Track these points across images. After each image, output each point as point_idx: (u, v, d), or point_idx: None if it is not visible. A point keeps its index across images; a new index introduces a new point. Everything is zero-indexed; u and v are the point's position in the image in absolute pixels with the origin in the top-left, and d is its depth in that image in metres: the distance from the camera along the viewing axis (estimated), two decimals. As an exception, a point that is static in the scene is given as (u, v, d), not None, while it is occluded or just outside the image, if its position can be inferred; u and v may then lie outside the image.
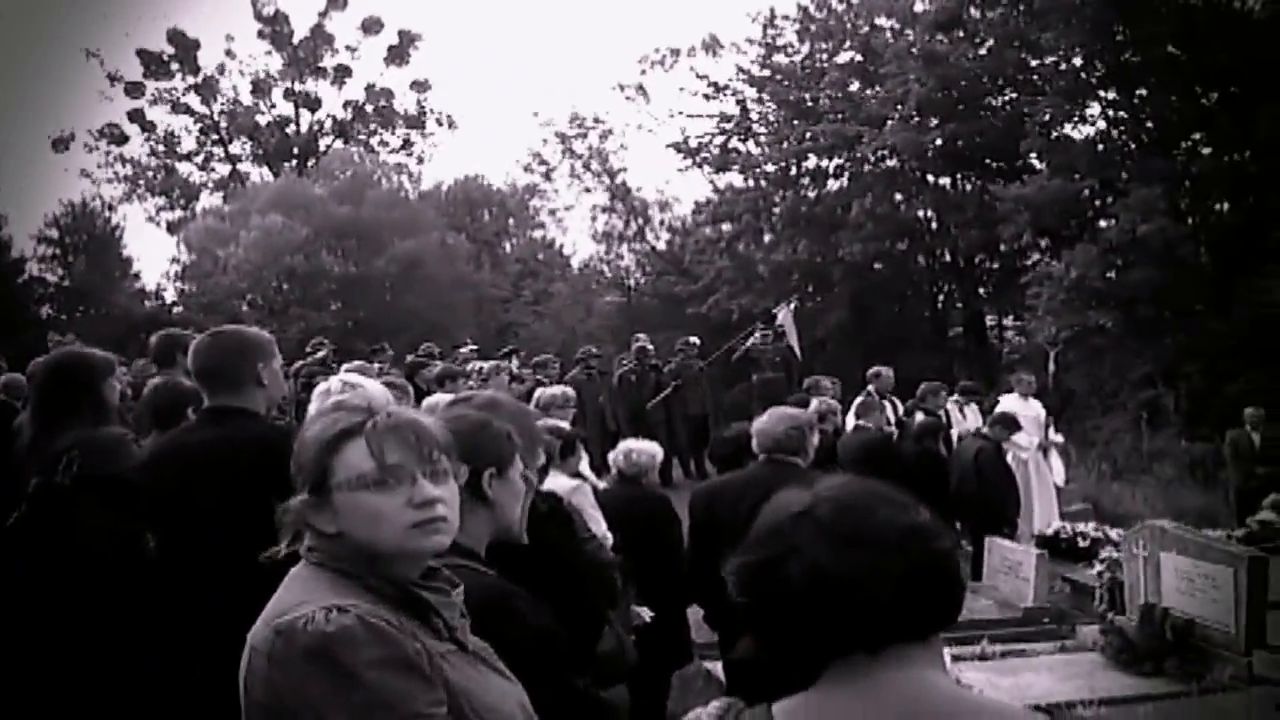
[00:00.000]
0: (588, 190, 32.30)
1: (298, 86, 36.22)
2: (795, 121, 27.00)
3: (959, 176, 26.33)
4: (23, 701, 3.88)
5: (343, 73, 36.32)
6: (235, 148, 37.07)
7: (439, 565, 2.04)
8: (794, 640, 1.63)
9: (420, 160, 37.89)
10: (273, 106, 36.62)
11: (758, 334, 16.44)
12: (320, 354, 13.82)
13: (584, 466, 6.19)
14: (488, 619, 2.15)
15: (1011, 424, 11.36)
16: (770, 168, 27.80)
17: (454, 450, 2.05)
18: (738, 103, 28.79)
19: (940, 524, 1.66)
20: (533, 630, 2.54)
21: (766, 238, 26.97)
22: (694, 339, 17.12)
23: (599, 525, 5.27)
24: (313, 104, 36.60)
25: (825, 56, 28.02)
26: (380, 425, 1.97)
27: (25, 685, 3.89)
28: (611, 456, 6.75)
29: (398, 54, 36.14)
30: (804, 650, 1.64)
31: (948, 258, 26.79)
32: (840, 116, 25.79)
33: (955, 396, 13.35)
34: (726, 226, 27.58)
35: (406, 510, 1.92)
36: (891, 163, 25.74)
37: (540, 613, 2.62)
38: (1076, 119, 23.13)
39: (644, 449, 6.72)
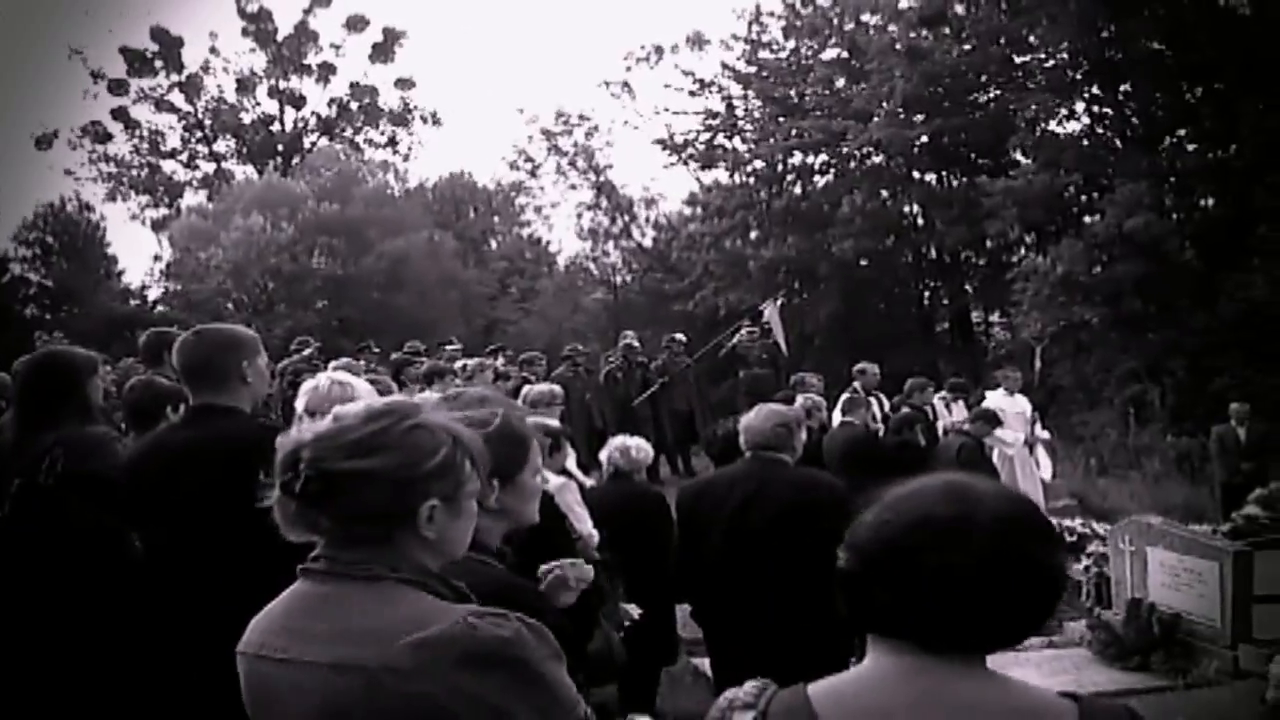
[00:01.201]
0: (573, 187, 32.17)
1: (282, 84, 36.06)
2: (781, 118, 26.98)
3: (945, 172, 26.37)
4: (9, 701, 3.86)
5: (327, 70, 36.17)
6: (219, 145, 36.89)
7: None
8: (890, 618, 1.66)
9: (406, 158, 37.89)
10: (257, 104, 36.48)
11: (744, 331, 16.43)
12: (306, 352, 13.79)
13: (571, 463, 6.19)
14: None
15: (993, 419, 11.35)
16: (757, 164, 27.79)
17: None
18: (723, 99, 28.74)
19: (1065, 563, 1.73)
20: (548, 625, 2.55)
21: (753, 234, 26.94)
22: (680, 336, 17.10)
23: (584, 523, 5.27)
24: (297, 101, 36.45)
25: (811, 53, 27.99)
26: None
27: (10, 684, 3.87)
28: (605, 453, 6.75)
29: (382, 51, 36.00)
30: (893, 629, 1.67)
31: (934, 254, 26.81)
32: (826, 113, 25.80)
33: (942, 393, 13.37)
34: (716, 222, 27.51)
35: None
36: (877, 159, 25.75)
37: (550, 608, 2.63)
38: (1062, 115, 23.22)
39: (642, 445, 6.74)
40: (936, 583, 1.60)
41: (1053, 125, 23.35)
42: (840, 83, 26.96)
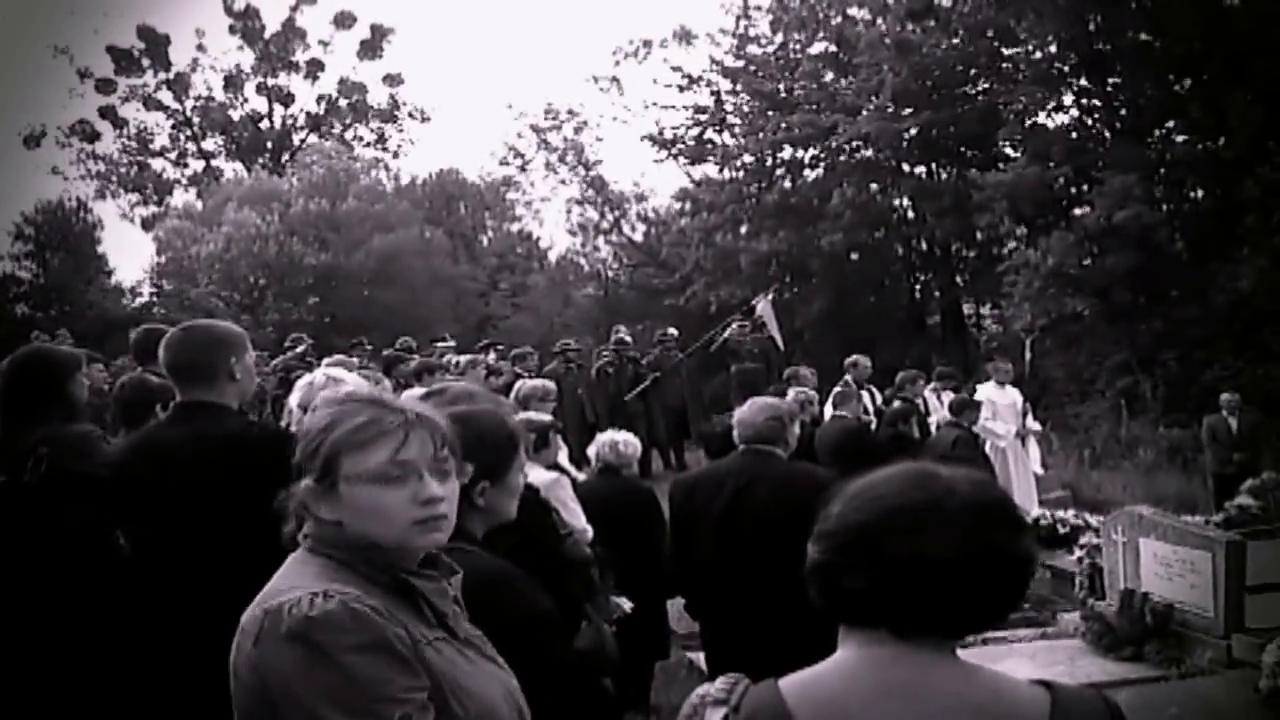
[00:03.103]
0: (563, 183, 32.20)
1: (270, 81, 35.97)
2: (770, 112, 26.93)
3: (934, 165, 26.34)
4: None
5: (315, 67, 36.07)
6: (208, 143, 36.83)
7: (438, 552, 2.07)
8: (862, 607, 1.66)
9: (395, 154, 37.80)
10: (245, 101, 36.37)
11: (735, 325, 16.42)
12: (299, 349, 13.78)
13: (563, 458, 6.17)
14: (487, 600, 2.16)
15: (974, 405, 11.34)
16: (746, 159, 27.76)
17: (458, 448, 2.07)
18: (712, 94, 28.71)
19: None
20: (531, 612, 2.56)
21: (744, 229, 26.91)
22: (672, 331, 17.14)
23: (578, 518, 5.24)
24: (285, 99, 36.37)
25: (799, 47, 27.99)
26: (398, 421, 1.99)
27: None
28: (594, 448, 6.74)
29: (370, 48, 35.95)
30: (865, 619, 1.67)
31: (925, 247, 26.80)
32: (815, 107, 25.78)
33: (932, 384, 13.35)
34: (706, 216, 27.48)
35: (411, 507, 1.95)
36: (867, 153, 25.73)
37: (538, 595, 2.63)
38: (1051, 107, 23.24)
39: (630, 440, 6.73)
40: (908, 570, 1.60)
41: (1042, 118, 23.41)
42: (829, 77, 26.96)
